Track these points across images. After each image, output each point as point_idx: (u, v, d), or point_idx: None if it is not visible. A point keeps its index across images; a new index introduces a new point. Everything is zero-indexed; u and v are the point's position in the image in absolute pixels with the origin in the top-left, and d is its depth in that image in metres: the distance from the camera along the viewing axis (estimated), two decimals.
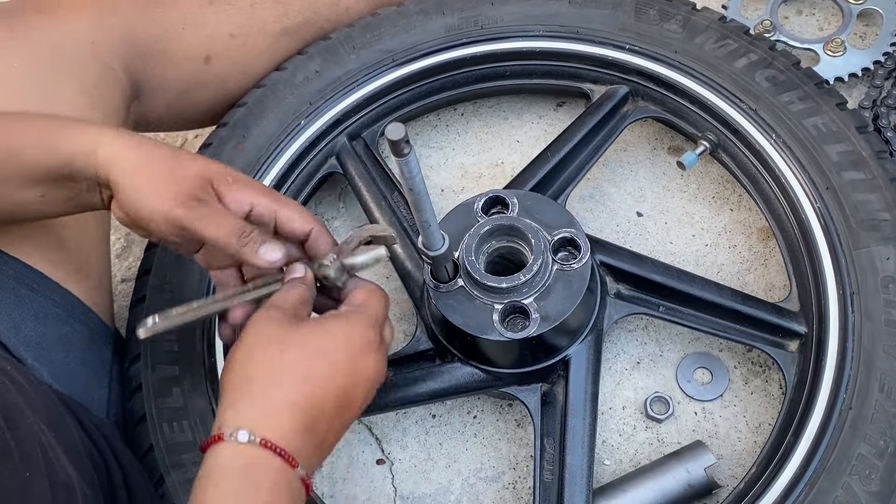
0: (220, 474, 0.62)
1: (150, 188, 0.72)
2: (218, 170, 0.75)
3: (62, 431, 0.69)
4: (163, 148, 0.75)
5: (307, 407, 0.66)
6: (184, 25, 1.02)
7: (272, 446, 0.63)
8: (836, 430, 0.80)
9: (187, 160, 0.75)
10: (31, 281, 0.87)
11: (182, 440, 0.88)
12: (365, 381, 0.70)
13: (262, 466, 0.62)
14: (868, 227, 0.88)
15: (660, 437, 0.96)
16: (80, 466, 0.67)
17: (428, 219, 0.76)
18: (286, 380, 0.66)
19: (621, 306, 0.94)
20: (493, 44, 1.07)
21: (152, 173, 0.73)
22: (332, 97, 1.06)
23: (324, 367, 0.67)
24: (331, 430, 0.68)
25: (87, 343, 0.90)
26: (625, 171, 1.11)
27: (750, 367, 0.98)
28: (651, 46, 1.02)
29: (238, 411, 0.64)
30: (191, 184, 0.72)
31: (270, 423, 0.64)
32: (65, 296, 0.89)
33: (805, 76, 0.97)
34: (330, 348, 0.68)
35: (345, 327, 0.70)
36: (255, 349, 0.67)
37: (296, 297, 0.72)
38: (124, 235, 1.22)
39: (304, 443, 0.65)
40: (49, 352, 0.85)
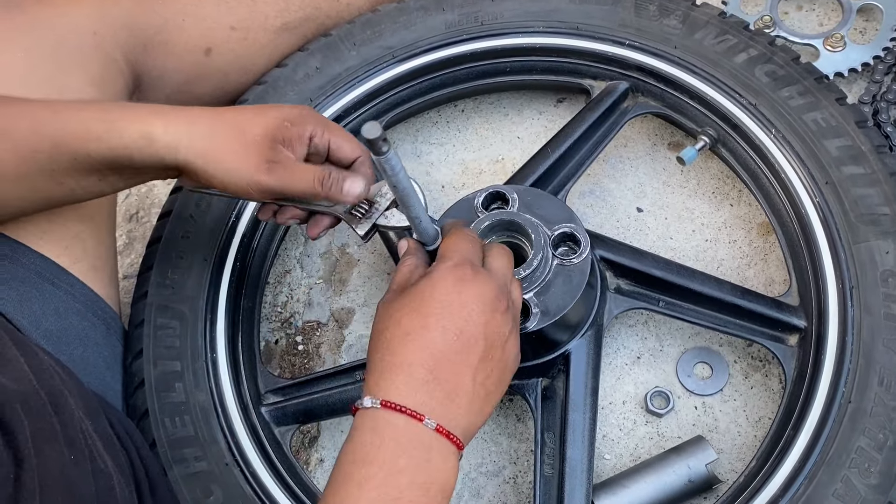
0: (354, 431, 0.67)
1: (230, 166, 0.77)
2: (274, 122, 0.79)
3: (98, 421, 0.71)
4: (217, 118, 0.79)
5: (418, 361, 0.68)
6: (184, 17, 1.02)
7: (391, 405, 0.66)
8: (835, 423, 0.80)
9: (246, 123, 0.78)
10: (53, 276, 0.88)
11: (184, 435, 0.89)
12: (470, 314, 0.70)
13: (386, 424, 0.66)
14: (867, 222, 0.88)
15: (660, 431, 0.96)
16: (113, 455, 0.69)
17: (418, 214, 0.76)
18: (394, 345, 0.69)
19: (621, 301, 0.94)
20: (494, 40, 1.07)
21: (224, 151, 0.77)
22: (332, 94, 1.06)
23: (418, 320, 0.69)
24: (460, 377, 0.69)
25: (104, 338, 0.91)
26: (625, 166, 1.12)
27: (750, 361, 0.98)
28: (651, 42, 1.02)
29: (365, 384, 0.70)
30: (261, 147, 0.77)
31: (388, 386, 0.67)
32: (84, 290, 0.90)
33: (805, 71, 0.97)
34: (419, 303, 0.70)
35: (429, 280, 0.71)
36: (373, 334, 0.72)
37: (402, 274, 0.76)
38: (126, 232, 1.22)
39: (430, 395, 0.67)
40: (68, 347, 0.86)
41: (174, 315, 0.95)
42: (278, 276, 1.12)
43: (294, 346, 1.07)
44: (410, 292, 0.72)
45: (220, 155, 0.77)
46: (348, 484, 0.64)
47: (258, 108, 0.82)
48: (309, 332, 1.08)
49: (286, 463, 0.91)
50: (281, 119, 0.79)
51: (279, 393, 0.95)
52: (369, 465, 0.64)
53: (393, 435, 0.66)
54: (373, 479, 0.64)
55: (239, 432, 0.90)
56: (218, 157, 0.76)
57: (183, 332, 0.94)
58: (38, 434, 0.60)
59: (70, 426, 0.64)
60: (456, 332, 0.69)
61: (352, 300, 1.09)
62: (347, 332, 1.07)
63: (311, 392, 0.95)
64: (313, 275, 1.12)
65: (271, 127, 0.78)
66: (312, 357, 1.06)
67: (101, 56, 0.95)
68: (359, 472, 0.64)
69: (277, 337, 1.08)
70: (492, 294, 0.72)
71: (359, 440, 0.66)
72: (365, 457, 0.65)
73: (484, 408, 0.71)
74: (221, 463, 0.87)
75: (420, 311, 0.70)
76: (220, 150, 0.77)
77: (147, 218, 1.22)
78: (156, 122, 0.76)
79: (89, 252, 0.92)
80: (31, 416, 0.61)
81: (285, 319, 1.09)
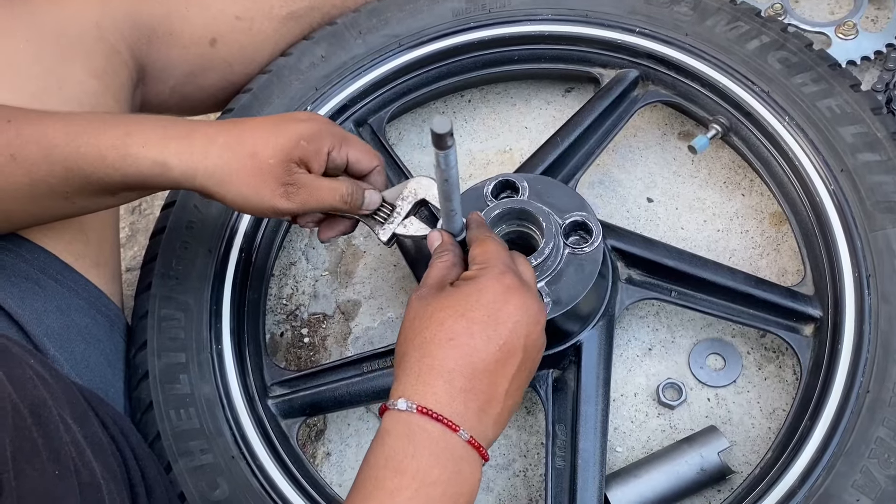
0: (386, 436, 0.65)
1: (246, 193, 0.77)
2: (289, 144, 0.78)
3: (87, 426, 0.68)
4: (229, 142, 0.78)
5: (458, 369, 0.66)
6: (188, 7, 1.01)
7: (429, 412, 0.64)
8: (853, 413, 0.79)
9: (259, 147, 0.77)
10: (56, 272, 0.87)
11: (189, 427, 0.87)
12: (515, 326, 0.69)
13: (421, 431, 0.64)
14: (884, 209, 0.86)
15: (672, 423, 0.95)
16: (105, 462, 0.67)
17: (455, 207, 0.75)
18: (433, 347, 0.67)
19: (633, 291, 0.93)
20: (501, 28, 1.06)
21: (239, 179, 0.77)
22: (338, 83, 1.05)
23: (464, 326, 0.67)
24: (496, 388, 0.67)
25: (107, 335, 0.90)
26: (635, 156, 1.10)
27: (763, 352, 0.97)
28: (661, 29, 1.01)
29: (399, 383, 0.67)
30: (276, 172, 0.77)
31: (426, 391, 0.65)
32: (87, 287, 0.89)
33: (818, 58, 0.96)
34: (466, 308, 0.68)
35: (476, 285, 0.70)
36: (407, 329, 0.70)
37: (440, 270, 0.74)
38: (129, 225, 1.21)
39: (465, 405, 0.66)
40: (71, 343, 0.85)
41: (179, 306, 0.93)
42: (283, 268, 1.10)
43: (300, 338, 1.06)
44: (455, 294, 0.70)
45: (236, 184, 0.77)
46: (379, 492, 0.62)
47: (273, 126, 0.80)
48: (315, 324, 1.07)
49: (293, 456, 0.89)
50: (297, 138, 0.79)
51: (285, 385, 0.94)
52: (402, 474, 0.62)
53: (427, 444, 0.64)
54: (406, 490, 0.62)
55: (245, 425, 0.88)
56: (234, 187, 0.77)
57: (188, 324, 0.92)
58: (18, 453, 0.58)
59: (55, 437, 0.62)
60: (499, 343, 0.68)
61: (358, 292, 1.08)
62: (354, 325, 1.06)
63: (318, 384, 0.93)
64: (319, 267, 1.10)
65: (286, 148, 0.78)
66: (318, 349, 1.05)
67: (104, 47, 0.94)
68: (391, 480, 0.62)
69: (283, 329, 1.07)
70: (535, 307, 0.71)
71: (391, 446, 0.64)
72: (398, 465, 0.63)
73: (507, 418, 0.70)
74: (227, 456, 0.86)
75: (466, 317, 0.68)
76: (235, 180, 0.77)
77: (150, 210, 1.21)
78: (169, 148, 0.76)
79: (92, 247, 0.91)
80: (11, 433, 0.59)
81: (291, 312, 1.08)
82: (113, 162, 0.75)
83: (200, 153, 0.77)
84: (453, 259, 0.76)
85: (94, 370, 0.87)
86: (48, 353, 0.83)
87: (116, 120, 0.79)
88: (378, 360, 0.94)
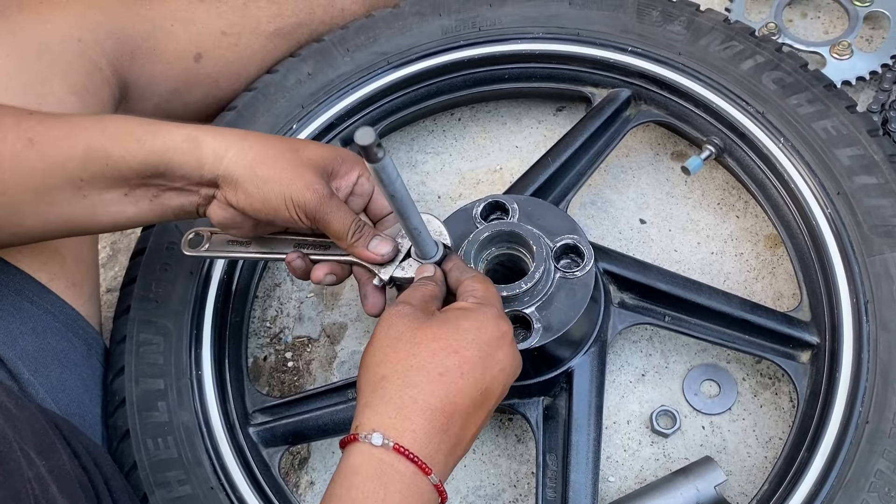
0: (354, 475, 0.61)
1: (279, 178, 0.73)
2: (330, 153, 0.78)
3: (53, 459, 0.65)
4: (269, 137, 0.78)
5: (441, 407, 0.63)
6: (173, 22, 0.98)
7: (405, 452, 0.61)
8: (852, 445, 0.77)
9: (302, 147, 0.77)
10: (32, 293, 0.84)
11: (167, 457, 0.84)
12: (500, 373, 0.67)
13: (394, 472, 0.61)
14: (882, 233, 0.85)
15: (666, 452, 0.92)
16: (72, 496, 0.63)
17: (416, 225, 0.72)
18: (420, 379, 0.63)
19: (626, 316, 0.91)
20: (491, 46, 1.04)
21: (276, 163, 0.74)
22: (325, 101, 1.03)
23: (456, 363, 0.64)
24: (466, 431, 0.65)
25: (84, 359, 0.87)
26: (627, 176, 1.08)
27: (759, 379, 0.94)
28: (654, 48, 0.99)
29: (374, 412, 0.63)
30: (314, 173, 0.75)
31: (405, 427, 0.62)
32: (63, 309, 0.86)
33: (813, 78, 0.94)
34: (461, 344, 0.65)
35: (474, 321, 0.67)
36: (387, 347, 0.66)
37: (426, 293, 0.71)
38: (110, 244, 1.18)
39: (438, 447, 0.63)
40: (46, 367, 0.83)
41: (158, 330, 0.90)
42: (268, 290, 1.08)
43: (284, 362, 1.03)
44: (449, 325, 0.66)
45: (270, 166, 0.74)
46: None
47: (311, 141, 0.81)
48: (299, 347, 1.04)
49: (274, 486, 0.86)
50: (335, 154, 0.78)
51: (267, 412, 0.91)
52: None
53: (399, 486, 0.60)
54: None
55: (225, 454, 0.85)
56: (266, 169, 0.73)
57: (167, 349, 0.89)
58: None
59: (15, 475, 0.58)
60: (482, 389, 0.65)
61: (344, 315, 1.05)
62: (339, 349, 1.03)
63: (301, 411, 0.90)
64: (304, 288, 1.07)
65: (326, 157, 0.78)
66: (303, 374, 1.02)
67: (86, 63, 0.91)
68: None
69: (266, 353, 1.04)
70: (519, 359, 0.70)
71: (360, 488, 0.60)
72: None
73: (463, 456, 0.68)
74: (206, 486, 0.83)
75: (460, 354, 0.65)
76: (271, 163, 0.74)
77: (132, 230, 1.18)
78: (205, 130, 0.75)
79: (69, 267, 0.88)
80: None
81: (275, 335, 1.05)
82: (140, 136, 0.73)
83: (237, 135, 0.75)
84: (437, 292, 0.73)
85: (70, 395, 0.84)
86: (22, 377, 0.81)
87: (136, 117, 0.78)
88: None
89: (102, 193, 0.75)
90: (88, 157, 0.73)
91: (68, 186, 0.74)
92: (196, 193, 0.76)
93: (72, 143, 0.73)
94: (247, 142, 0.75)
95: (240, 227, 0.78)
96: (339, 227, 0.75)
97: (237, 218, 0.77)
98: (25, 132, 0.73)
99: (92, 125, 0.74)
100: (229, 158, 0.73)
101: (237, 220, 0.77)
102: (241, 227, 0.78)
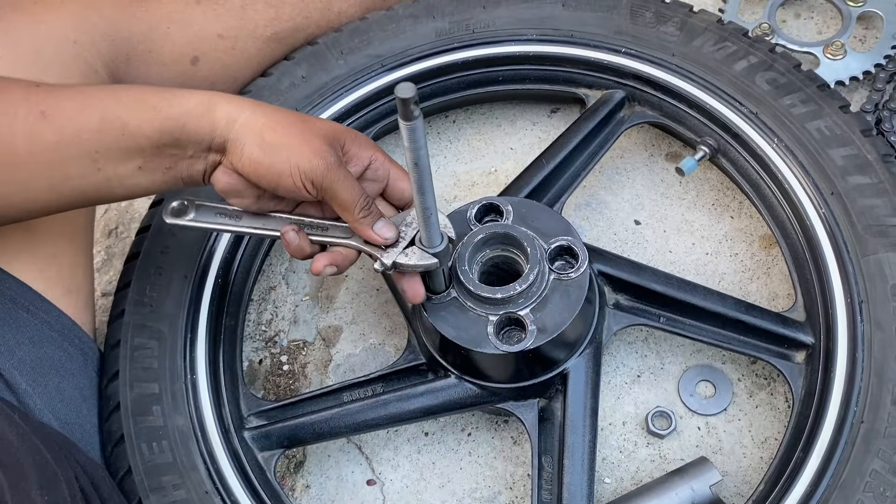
0: None
1: (286, 143, 0.74)
2: (342, 128, 0.79)
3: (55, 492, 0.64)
4: (281, 108, 0.78)
5: None
6: (169, 24, 0.98)
7: None
8: (847, 444, 0.77)
9: (312, 119, 0.78)
10: (28, 302, 0.84)
11: (161, 461, 0.84)
12: None
13: None
14: (876, 233, 0.85)
15: (662, 453, 0.92)
16: None
17: (429, 205, 0.71)
18: None
19: (621, 317, 0.91)
20: (485, 48, 1.04)
21: (285, 130, 0.74)
22: (319, 104, 1.03)
23: None
24: None
25: (81, 368, 0.87)
26: (622, 178, 1.08)
27: (754, 379, 0.94)
28: (648, 49, 0.99)
29: None
30: (323, 141, 0.75)
31: None
32: (59, 317, 0.86)
33: (807, 79, 0.94)
34: None
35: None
36: None
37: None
38: (105, 248, 1.17)
39: None
40: (44, 377, 0.82)
41: (152, 335, 0.90)
42: (263, 293, 1.07)
43: (279, 365, 1.03)
44: None
45: (279, 133, 0.74)
46: None
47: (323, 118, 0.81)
48: (295, 351, 1.04)
49: (270, 490, 0.86)
50: (348, 130, 0.80)
51: (263, 416, 0.91)
52: None
53: None
54: None
55: (220, 458, 0.85)
56: (276, 138, 0.74)
57: (161, 353, 0.89)
58: None
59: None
60: None
61: (339, 317, 1.05)
62: (335, 352, 1.03)
63: (297, 415, 0.90)
64: (299, 291, 1.07)
65: (338, 129, 0.79)
66: (298, 377, 1.02)
67: (81, 65, 0.91)
68: None
69: (262, 356, 1.04)
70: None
71: None
72: None
73: None
74: (201, 491, 0.83)
75: None
76: (281, 129, 0.74)
77: (126, 233, 1.18)
78: (217, 96, 0.75)
79: (64, 274, 0.88)
80: None
81: (270, 338, 1.05)
82: (155, 104, 0.73)
83: (250, 102, 0.77)
84: None
85: (68, 405, 0.83)
86: (20, 388, 0.80)
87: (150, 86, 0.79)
88: (359, 390, 0.91)
89: (117, 166, 0.75)
90: (103, 128, 0.73)
91: (83, 158, 0.74)
92: (203, 159, 0.76)
93: (86, 115, 0.73)
94: (259, 108, 0.76)
95: (242, 195, 0.78)
96: (346, 196, 0.75)
97: (240, 185, 0.77)
98: (36, 105, 0.73)
99: (105, 95, 0.75)
100: (241, 122, 0.74)
101: (240, 187, 0.77)
102: (244, 196, 0.78)
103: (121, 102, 0.74)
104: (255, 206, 0.80)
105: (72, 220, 0.87)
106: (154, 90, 0.75)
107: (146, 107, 0.73)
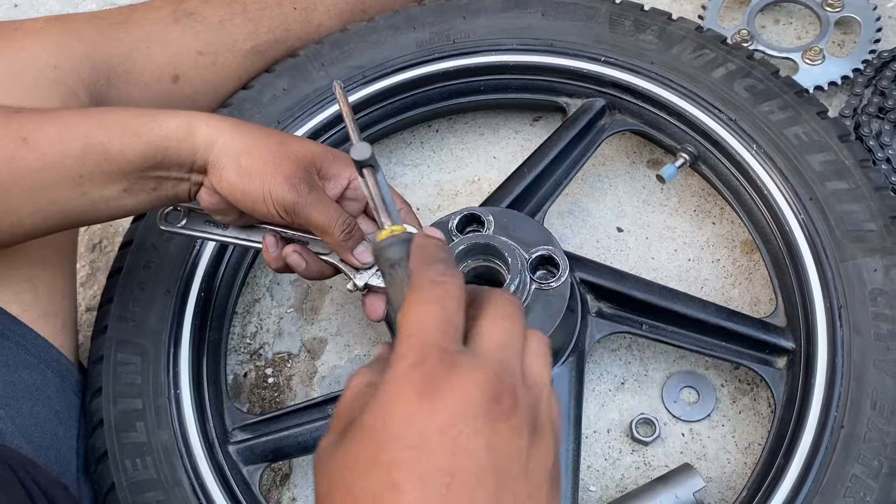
0: None
1: (260, 170, 0.73)
2: (319, 150, 0.78)
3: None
4: (261, 129, 0.77)
5: None
6: (149, 44, 0.98)
7: None
8: (828, 450, 0.77)
9: (290, 141, 0.77)
10: (3, 326, 0.83)
11: (146, 478, 0.84)
12: (456, 442, 0.43)
13: None
14: (854, 238, 0.85)
15: (647, 460, 0.92)
16: None
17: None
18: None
19: (603, 325, 0.91)
20: (466, 58, 1.04)
21: (260, 155, 0.74)
22: (300, 115, 1.03)
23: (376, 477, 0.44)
24: None
25: (58, 391, 0.86)
26: (604, 185, 1.09)
27: (737, 385, 0.95)
28: (627, 58, 1.00)
29: None
30: (299, 166, 0.75)
31: None
32: (36, 340, 0.85)
33: (785, 85, 0.95)
34: (373, 447, 0.44)
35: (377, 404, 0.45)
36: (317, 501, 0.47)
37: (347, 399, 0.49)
38: (89, 263, 1.17)
39: None
40: (17, 401, 0.81)
41: (135, 350, 0.90)
42: (247, 306, 1.07)
43: (264, 378, 1.03)
44: (356, 433, 0.45)
45: (253, 157, 0.74)
46: None
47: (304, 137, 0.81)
48: (279, 363, 1.04)
49: None
50: (326, 151, 0.78)
51: (247, 430, 0.91)
52: None
53: None
54: None
55: (204, 473, 0.85)
56: (250, 160, 0.74)
57: (144, 368, 0.89)
58: None
59: None
60: (443, 483, 0.43)
61: (324, 329, 1.05)
62: (320, 364, 1.03)
63: (282, 428, 0.90)
64: (284, 303, 1.07)
65: (315, 152, 0.77)
66: (283, 390, 1.02)
67: (62, 91, 0.91)
68: None
69: (246, 369, 1.04)
70: (485, 393, 0.44)
71: None
72: None
73: None
74: None
75: (378, 464, 0.43)
76: (255, 154, 0.74)
77: (111, 247, 1.18)
78: (197, 118, 0.75)
79: (42, 298, 0.87)
80: None
81: (254, 351, 1.05)
82: (137, 128, 0.73)
83: (230, 124, 0.76)
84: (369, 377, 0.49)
85: (42, 428, 0.82)
86: None
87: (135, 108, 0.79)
88: None
89: (102, 189, 0.75)
90: (86, 154, 0.73)
91: (67, 183, 0.74)
92: (188, 180, 0.77)
93: (68, 140, 0.73)
94: (238, 131, 0.75)
95: (226, 214, 0.79)
96: (322, 220, 0.75)
97: (223, 204, 0.77)
98: (16, 131, 0.73)
99: (86, 120, 0.74)
100: (219, 146, 0.74)
101: (223, 206, 0.78)
102: (228, 214, 0.79)
103: (102, 126, 0.74)
104: (241, 222, 0.81)
105: (51, 242, 0.86)
106: (135, 113, 0.75)
107: (128, 131, 0.73)
